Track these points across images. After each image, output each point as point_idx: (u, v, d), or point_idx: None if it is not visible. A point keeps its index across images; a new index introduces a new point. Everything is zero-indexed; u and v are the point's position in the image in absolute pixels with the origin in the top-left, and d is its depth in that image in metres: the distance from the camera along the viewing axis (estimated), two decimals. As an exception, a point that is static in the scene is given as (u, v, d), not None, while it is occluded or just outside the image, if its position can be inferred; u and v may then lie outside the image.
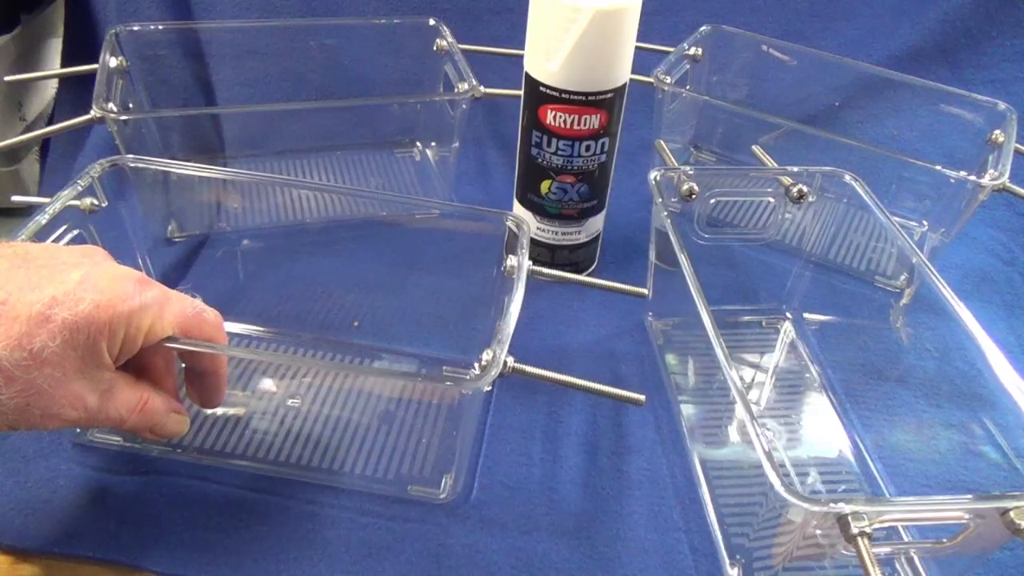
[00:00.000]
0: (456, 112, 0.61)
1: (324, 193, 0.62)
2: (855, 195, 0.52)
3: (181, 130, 0.65)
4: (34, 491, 0.41)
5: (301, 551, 0.40)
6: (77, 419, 0.33)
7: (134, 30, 0.65)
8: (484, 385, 0.37)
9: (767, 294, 0.58)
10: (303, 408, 0.47)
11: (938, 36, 0.76)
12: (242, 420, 0.46)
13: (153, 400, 0.36)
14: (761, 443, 0.33)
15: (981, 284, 0.63)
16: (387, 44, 0.73)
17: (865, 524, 0.31)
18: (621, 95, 0.53)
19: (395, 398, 0.48)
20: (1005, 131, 0.59)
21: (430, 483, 0.43)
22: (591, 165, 0.54)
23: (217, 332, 0.37)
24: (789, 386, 0.52)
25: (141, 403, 0.35)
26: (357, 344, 0.52)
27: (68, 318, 0.31)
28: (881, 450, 0.47)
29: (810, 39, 0.77)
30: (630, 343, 0.55)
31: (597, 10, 0.47)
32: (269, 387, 0.48)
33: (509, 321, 0.39)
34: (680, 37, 0.68)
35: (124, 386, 0.35)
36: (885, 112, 0.71)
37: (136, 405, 0.35)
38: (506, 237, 0.46)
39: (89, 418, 0.33)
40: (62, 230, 0.42)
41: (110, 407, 0.34)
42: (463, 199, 0.68)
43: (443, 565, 0.40)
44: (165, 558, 0.39)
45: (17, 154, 0.74)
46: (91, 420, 0.33)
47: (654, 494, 0.44)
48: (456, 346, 0.52)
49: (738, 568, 0.40)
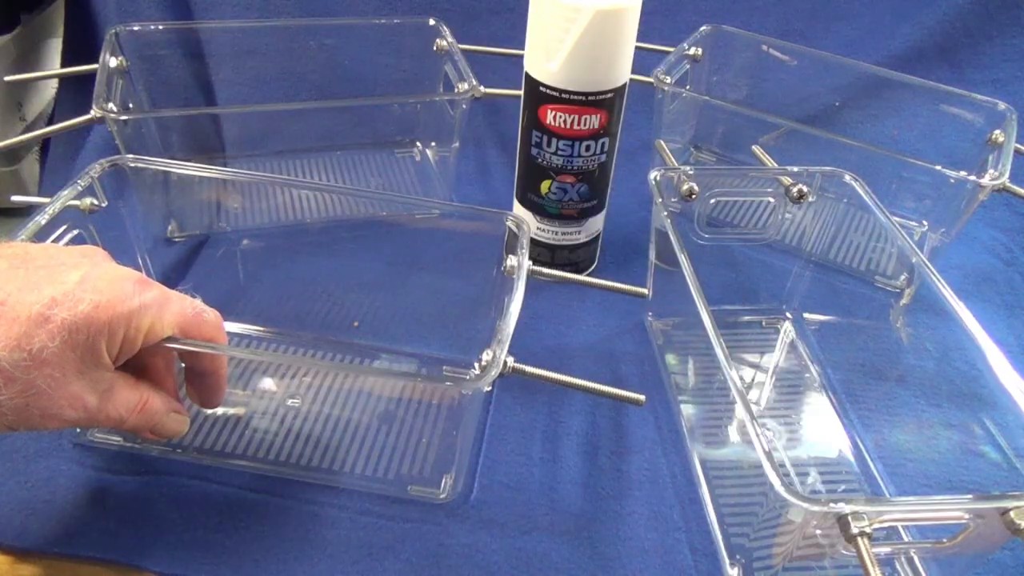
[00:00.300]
0: (456, 112, 0.61)
1: (324, 193, 0.62)
2: (855, 195, 0.52)
3: (181, 130, 0.65)
4: (34, 491, 0.41)
5: (301, 551, 0.40)
6: (77, 419, 0.33)
7: (134, 30, 0.65)
8: (484, 385, 0.37)
9: (767, 294, 0.58)
10: (303, 408, 0.47)
11: (938, 36, 0.76)
12: (242, 420, 0.46)
13: (153, 400, 0.36)
14: (761, 443, 0.33)
15: (981, 284, 0.63)
16: (387, 44, 0.73)
17: (865, 524, 0.31)
18: (621, 95, 0.53)
19: (395, 398, 0.48)
20: (1005, 131, 0.59)
21: (430, 483, 0.43)
22: (591, 165, 0.54)
23: (217, 332, 0.37)
24: (789, 386, 0.52)
25: (141, 403, 0.35)
26: (357, 344, 0.52)
27: (67, 318, 0.31)
28: (881, 450, 0.47)
29: (810, 39, 0.77)
30: (630, 343, 0.55)
31: (597, 10, 0.47)
32: (269, 387, 0.48)
33: (509, 321, 0.39)
34: (680, 37, 0.68)
35: (124, 386, 0.35)
36: (885, 112, 0.71)
37: (136, 405, 0.35)
38: (506, 237, 0.46)
39: (89, 418, 0.33)
40: (62, 230, 0.42)
41: (110, 407, 0.34)
42: (463, 199, 0.68)
43: (443, 565, 0.40)
44: (165, 558, 0.39)
45: (17, 154, 0.74)
46: (91, 420, 0.33)
47: (654, 494, 0.44)
48: (456, 346, 0.52)
49: (738, 568, 0.40)
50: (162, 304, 0.34)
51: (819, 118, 0.73)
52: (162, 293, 0.35)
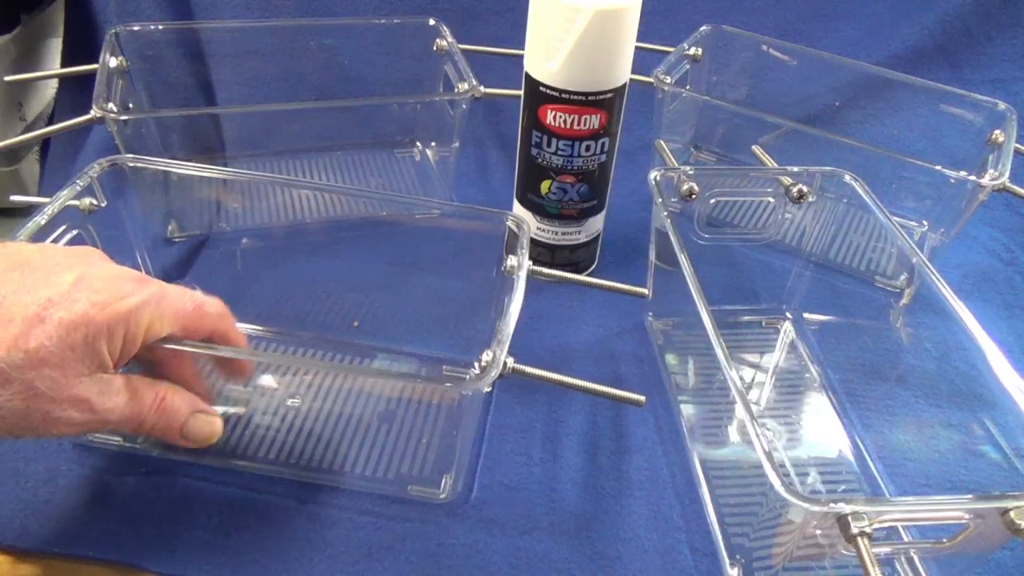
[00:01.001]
0: (456, 112, 0.61)
1: (324, 193, 0.62)
2: (855, 195, 0.52)
3: (181, 130, 0.65)
4: (34, 491, 0.41)
5: (301, 551, 0.40)
6: (83, 422, 0.32)
7: (134, 30, 0.65)
8: (484, 386, 0.37)
9: (767, 294, 0.58)
10: (303, 408, 0.47)
11: (938, 36, 0.76)
12: (242, 420, 0.46)
13: (171, 397, 0.35)
14: (761, 443, 0.33)
15: (981, 284, 0.63)
16: (387, 44, 0.73)
17: (865, 524, 0.31)
18: (621, 95, 0.53)
19: (395, 398, 0.48)
20: (1005, 131, 0.59)
21: (430, 483, 0.43)
22: (591, 165, 0.54)
23: (220, 322, 0.37)
24: (789, 386, 0.52)
25: (157, 401, 0.35)
26: (357, 344, 0.52)
27: (64, 318, 0.31)
28: (881, 450, 0.47)
29: (810, 39, 0.77)
30: (630, 343, 0.55)
31: (597, 10, 0.47)
32: (269, 387, 0.48)
33: (509, 321, 0.39)
34: (680, 37, 0.68)
35: (134, 386, 0.34)
36: (885, 112, 0.71)
37: (152, 404, 0.34)
38: (506, 237, 0.46)
39: (97, 420, 0.33)
40: (61, 230, 0.42)
41: (119, 407, 0.33)
42: (463, 199, 0.68)
43: (443, 565, 0.40)
44: (165, 558, 0.39)
45: (17, 154, 0.74)
46: (100, 422, 0.33)
47: (654, 494, 0.44)
48: (456, 346, 0.52)
49: (738, 568, 0.40)
50: (160, 300, 0.34)
51: (819, 118, 0.73)
52: (160, 289, 0.35)
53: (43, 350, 0.30)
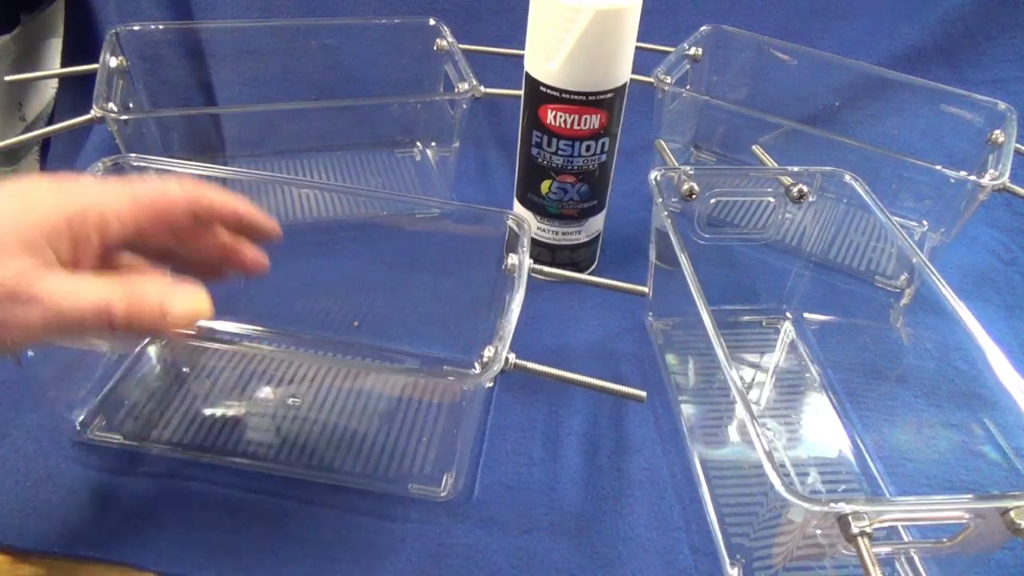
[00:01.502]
0: (456, 112, 0.61)
1: (324, 193, 0.62)
2: (855, 195, 0.52)
3: (181, 130, 0.65)
4: (34, 491, 0.41)
5: (301, 551, 0.40)
6: (42, 321, 0.29)
7: (134, 30, 0.65)
8: (486, 381, 0.37)
9: (767, 294, 0.58)
10: (303, 407, 0.47)
11: (938, 36, 0.76)
12: (242, 419, 0.46)
13: (139, 279, 0.32)
14: (761, 443, 0.33)
15: (981, 284, 0.63)
16: (387, 44, 0.73)
17: (865, 524, 0.31)
18: (621, 95, 0.53)
19: (396, 396, 0.48)
20: (1005, 131, 0.59)
21: (431, 481, 0.43)
22: (591, 165, 0.54)
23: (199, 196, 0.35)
24: (789, 386, 0.52)
25: (124, 285, 0.31)
26: (357, 344, 0.52)
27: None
28: (881, 450, 0.47)
29: (810, 39, 0.77)
30: (630, 343, 0.55)
31: (597, 10, 0.47)
32: (269, 386, 0.48)
33: (510, 318, 0.39)
34: (680, 37, 0.68)
35: (94, 278, 0.31)
36: (885, 112, 0.71)
37: (118, 289, 0.30)
38: (507, 236, 0.46)
39: (56, 318, 0.29)
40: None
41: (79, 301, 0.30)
42: (463, 199, 0.68)
43: (443, 565, 0.40)
44: (165, 558, 0.39)
45: (17, 154, 0.74)
46: (59, 321, 0.29)
47: (654, 494, 0.44)
48: (457, 346, 0.52)
49: (738, 568, 0.40)
50: (101, 193, 0.32)
51: (819, 118, 0.73)
52: (103, 183, 0.33)
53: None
